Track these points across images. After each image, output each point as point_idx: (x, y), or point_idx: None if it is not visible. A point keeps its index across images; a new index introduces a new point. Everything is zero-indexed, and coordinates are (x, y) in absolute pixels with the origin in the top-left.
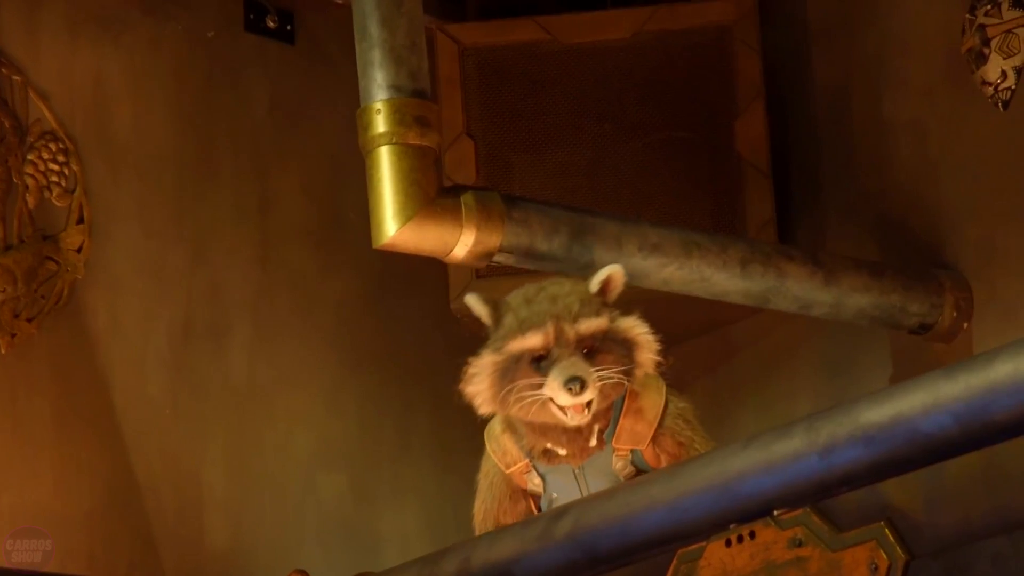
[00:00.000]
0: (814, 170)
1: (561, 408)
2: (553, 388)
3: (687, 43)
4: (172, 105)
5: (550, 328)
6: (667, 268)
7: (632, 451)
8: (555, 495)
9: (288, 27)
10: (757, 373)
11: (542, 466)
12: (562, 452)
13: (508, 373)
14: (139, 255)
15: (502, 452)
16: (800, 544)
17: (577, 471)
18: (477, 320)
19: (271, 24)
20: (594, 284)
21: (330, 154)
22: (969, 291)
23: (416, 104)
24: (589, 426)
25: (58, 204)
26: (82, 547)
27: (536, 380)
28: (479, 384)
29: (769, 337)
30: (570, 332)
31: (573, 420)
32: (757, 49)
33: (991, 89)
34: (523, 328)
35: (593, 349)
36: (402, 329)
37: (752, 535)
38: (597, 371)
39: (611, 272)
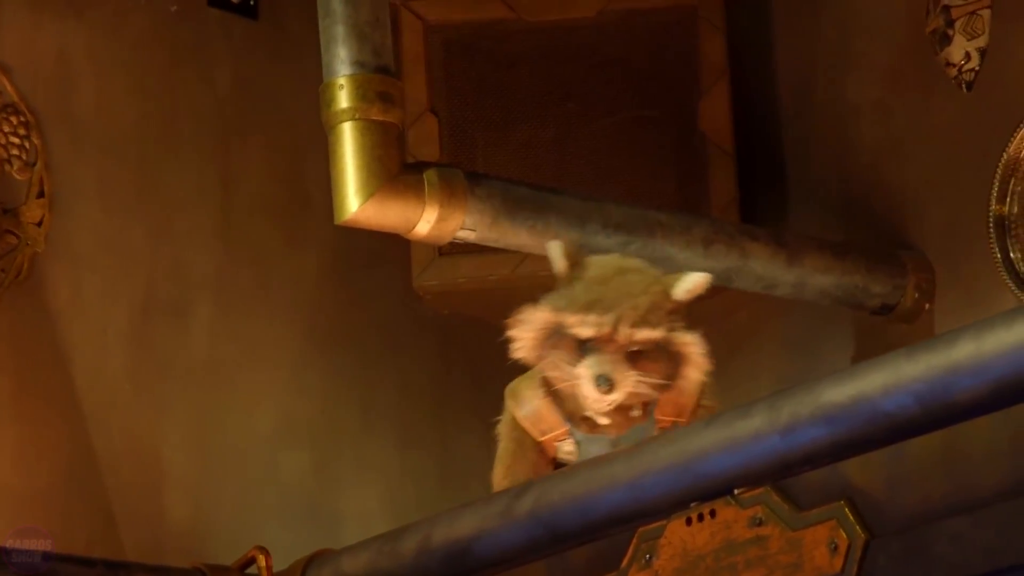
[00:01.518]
0: (778, 150)
1: (589, 396)
2: (584, 377)
3: (652, 22)
4: (134, 80)
5: (607, 327)
6: (630, 247)
7: (674, 423)
8: None
9: (251, 2)
10: (720, 352)
11: (579, 433)
12: (603, 421)
13: (554, 336)
14: (100, 230)
15: (536, 418)
16: (760, 523)
17: (615, 441)
18: (441, 296)
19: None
20: (679, 291)
21: (293, 130)
22: (932, 272)
23: (379, 80)
24: (632, 398)
25: (18, 177)
26: (40, 523)
27: (573, 358)
28: (525, 332)
29: (732, 317)
30: (624, 336)
31: (594, 411)
32: (722, 29)
33: (955, 70)
34: (586, 309)
35: (641, 352)
36: (365, 306)
37: (713, 514)
38: (635, 377)
39: (699, 281)
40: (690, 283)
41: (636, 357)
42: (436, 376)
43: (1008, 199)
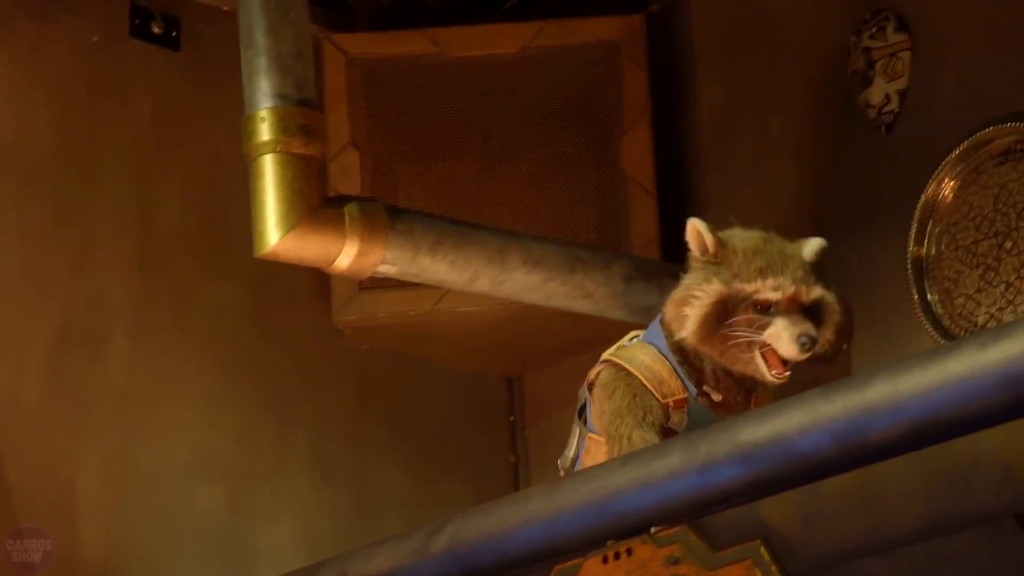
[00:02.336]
0: (699, 188)
1: (769, 362)
2: (782, 338)
3: (575, 59)
4: (54, 110)
5: (790, 286)
6: (550, 283)
7: None
8: None
9: (174, 33)
10: None
11: (693, 405)
12: (716, 399)
13: (727, 309)
14: (18, 260)
15: (658, 382)
16: (676, 562)
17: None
18: (361, 331)
19: (156, 30)
20: (809, 252)
21: (213, 162)
22: (850, 312)
23: (301, 113)
24: (752, 381)
25: None
26: None
27: (760, 321)
28: (697, 308)
29: None
30: (805, 295)
31: (774, 377)
32: (644, 67)
33: (875, 112)
34: (764, 274)
35: (809, 314)
36: (283, 340)
37: (629, 552)
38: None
39: (822, 244)
40: (816, 245)
41: (811, 319)
42: (353, 411)
43: (926, 241)
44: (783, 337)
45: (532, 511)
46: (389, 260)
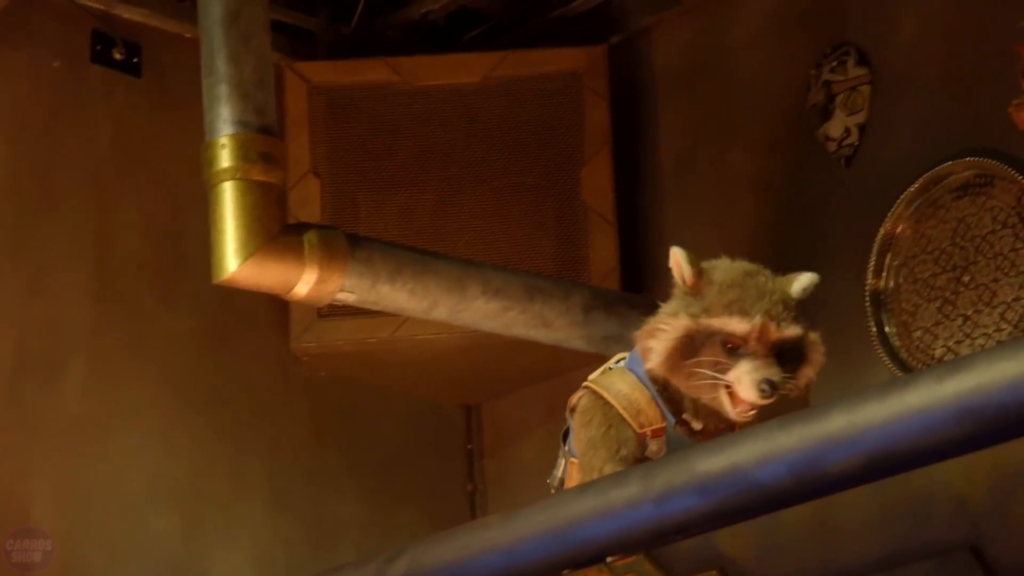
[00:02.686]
0: (659, 219)
1: (733, 401)
2: (743, 382)
3: (537, 89)
4: (13, 135)
5: (759, 322)
6: (509, 312)
7: None
8: None
9: (135, 60)
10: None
11: (672, 433)
12: (697, 427)
13: (694, 344)
14: None
15: (635, 411)
16: None
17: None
18: (319, 358)
19: (118, 56)
20: (796, 289)
21: (173, 189)
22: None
23: (262, 140)
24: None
25: None
26: None
27: (724, 363)
28: (663, 342)
29: None
30: (774, 334)
31: (738, 417)
32: (606, 97)
33: (835, 145)
34: (731, 310)
35: (782, 354)
36: (240, 368)
37: None
38: (785, 378)
39: (813, 280)
40: (805, 281)
41: (781, 359)
42: (310, 438)
43: (884, 274)
44: (744, 381)
45: (489, 539)
46: (348, 288)
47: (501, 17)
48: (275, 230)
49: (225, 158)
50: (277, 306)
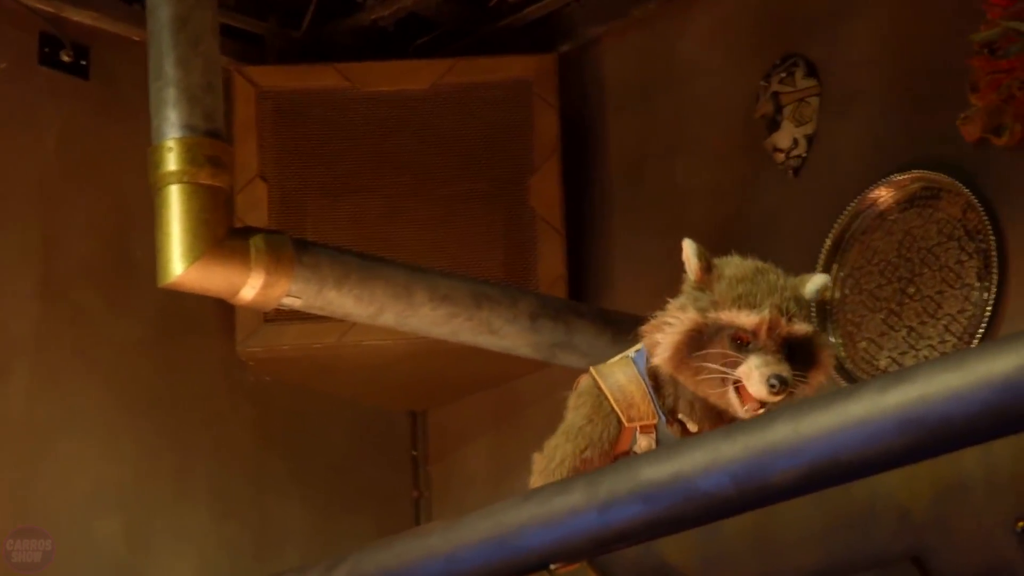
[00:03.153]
0: (607, 228)
1: (742, 398)
2: (752, 377)
3: (486, 97)
4: None
5: (768, 316)
6: (456, 319)
7: None
8: None
9: (83, 62)
10: (543, 428)
11: (664, 432)
12: (693, 429)
13: (702, 339)
14: None
15: (627, 404)
16: None
17: None
18: (265, 363)
19: (66, 59)
20: (810, 290)
21: (120, 192)
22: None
23: (209, 144)
24: (732, 417)
25: None
26: None
27: (733, 357)
28: (670, 336)
29: (556, 393)
30: (784, 329)
31: (747, 414)
32: (556, 106)
33: (783, 156)
34: (740, 304)
35: (793, 353)
36: (186, 372)
37: None
38: (795, 375)
39: (826, 282)
40: (819, 283)
41: (791, 357)
42: (255, 443)
43: (831, 284)
44: (753, 377)
45: (432, 546)
46: (295, 292)
47: (451, 24)
48: (222, 234)
49: (172, 161)
50: (223, 310)
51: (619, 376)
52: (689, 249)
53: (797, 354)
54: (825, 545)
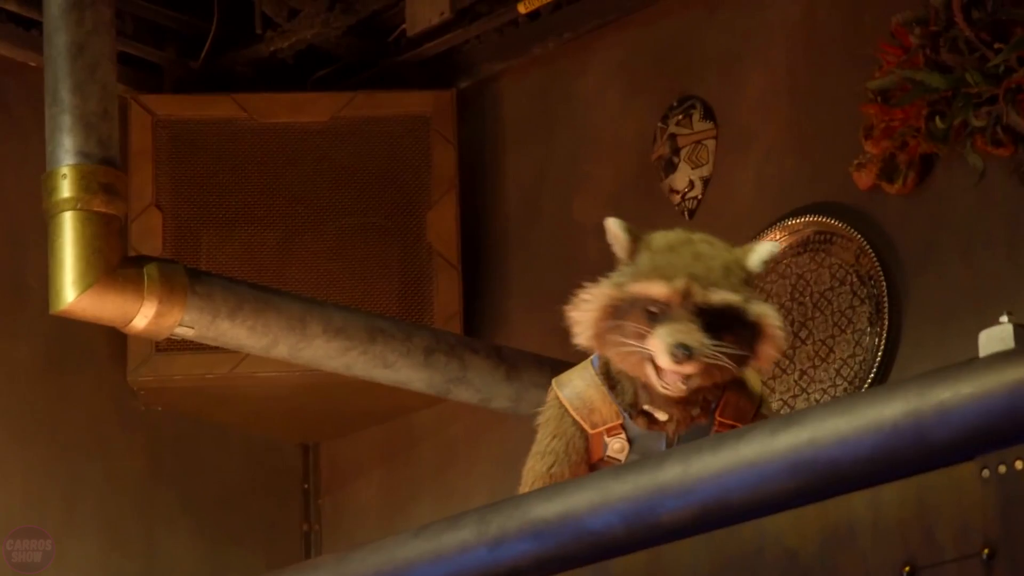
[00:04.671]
0: (504, 265)
1: (658, 372)
2: (657, 347)
3: (384, 131)
4: None
5: (680, 284)
6: (350, 352)
7: (732, 428)
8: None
9: None
10: (436, 463)
11: (634, 429)
12: (662, 417)
13: (619, 313)
14: None
15: (588, 410)
16: None
17: (672, 439)
18: (156, 393)
19: None
20: (754, 260)
21: (12, 217)
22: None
23: (104, 171)
24: (696, 393)
25: None
26: None
27: (643, 329)
28: (586, 313)
29: (450, 428)
30: (698, 296)
31: (665, 389)
32: (453, 142)
33: (679, 197)
34: (653, 274)
35: (717, 322)
36: (76, 400)
37: None
38: (712, 345)
39: (772, 250)
40: (764, 252)
41: (713, 328)
42: (145, 474)
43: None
44: (659, 347)
45: None
46: (187, 322)
47: (350, 58)
48: (115, 262)
49: (66, 188)
50: (115, 339)
51: (577, 383)
52: (614, 226)
53: (731, 325)
54: None
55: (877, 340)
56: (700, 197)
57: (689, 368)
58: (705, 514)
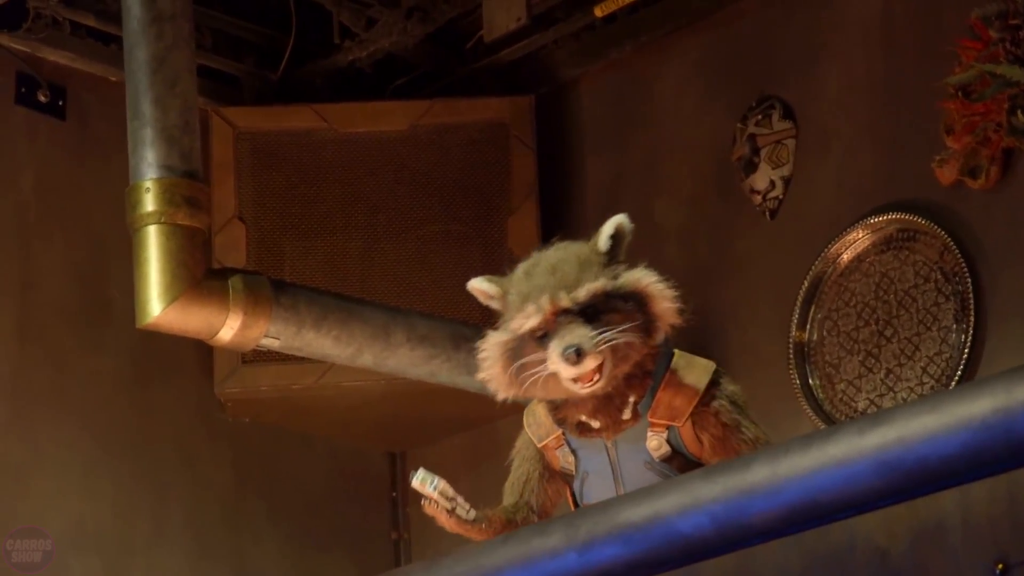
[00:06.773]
0: None
1: (573, 380)
2: (552, 360)
3: (463, 138)
4: None
5: (545, 303)
6: (435, 360)
7: (668, 429)
8: (587, 472)
9: (60, 102)
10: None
11: (575, 440)
12: (595, 425)
13: (516, 352)
14: None
15: (536, 424)
16: None
17: (609, 445)
18: (243, 404)
19: (43, 99)
20: (603, 241)
21: (96, 232)
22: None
23: (187, 184)
24: (623, 396)
25: None
26: None
27: (539, 356)
28: (491, 368)
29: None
30: (566, 301)
31: (584, 390)
32: (532, 147)
33: (759, 198)
34: (523, 305)
35: (598, 311)
36: (163, 412)
37: None
38: (599, 333)
39: (618, 223)
40: (610, 227)
41: (596, 317)
42: (232, 484)
43: (808, 326)
44: (553, 359)
45: None
46: (273, 333)
47: (428, 66)
48: (199, 275)
49: (149, 202)
50: (201, 351)
51: (536, 407)
52: (476, 283)
53: (613, 307)
54: None
55: (963, 337)
56: (781, 197)
57: (590, 362)
58: (794, 514)
